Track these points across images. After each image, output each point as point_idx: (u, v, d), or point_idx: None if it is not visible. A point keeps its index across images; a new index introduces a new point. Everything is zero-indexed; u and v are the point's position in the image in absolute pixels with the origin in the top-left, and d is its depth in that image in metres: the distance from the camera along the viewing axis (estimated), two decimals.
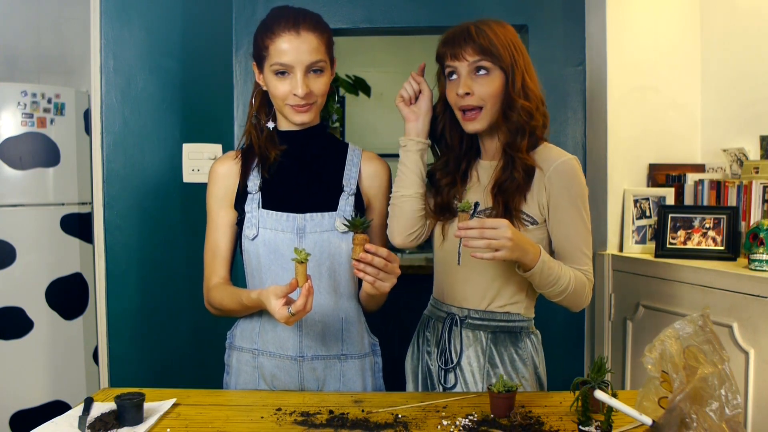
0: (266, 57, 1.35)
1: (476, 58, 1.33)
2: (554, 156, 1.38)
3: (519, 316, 1.43)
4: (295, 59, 1.32)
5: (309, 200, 1.41)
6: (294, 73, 1.33)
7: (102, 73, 2.40)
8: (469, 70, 1.34)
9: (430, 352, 1.50)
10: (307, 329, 1.40)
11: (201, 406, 1.28)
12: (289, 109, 1.36)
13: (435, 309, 1.52)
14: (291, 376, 1.41)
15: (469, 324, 1.43)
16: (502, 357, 1.42)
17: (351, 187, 1.44)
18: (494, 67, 1.34)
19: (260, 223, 1.40)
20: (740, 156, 2.27)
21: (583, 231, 1.37)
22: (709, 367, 0.93)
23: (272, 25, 1.34)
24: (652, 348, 0.96)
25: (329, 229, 1.39)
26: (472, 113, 1.36)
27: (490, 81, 1.34)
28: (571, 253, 1.37)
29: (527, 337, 1.44)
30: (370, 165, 1.48)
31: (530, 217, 1.37)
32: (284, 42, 1.32)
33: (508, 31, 1.37)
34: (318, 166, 1.45)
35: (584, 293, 1.36)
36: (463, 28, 1.36)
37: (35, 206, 2.64)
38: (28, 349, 2.62)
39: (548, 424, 1.15)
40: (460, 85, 1.34)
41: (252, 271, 1.44)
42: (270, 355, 1.42)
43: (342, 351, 1.42)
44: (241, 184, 1.45)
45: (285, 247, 1.38)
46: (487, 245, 1.21)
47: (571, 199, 1.36)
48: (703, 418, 0.90)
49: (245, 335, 1.45)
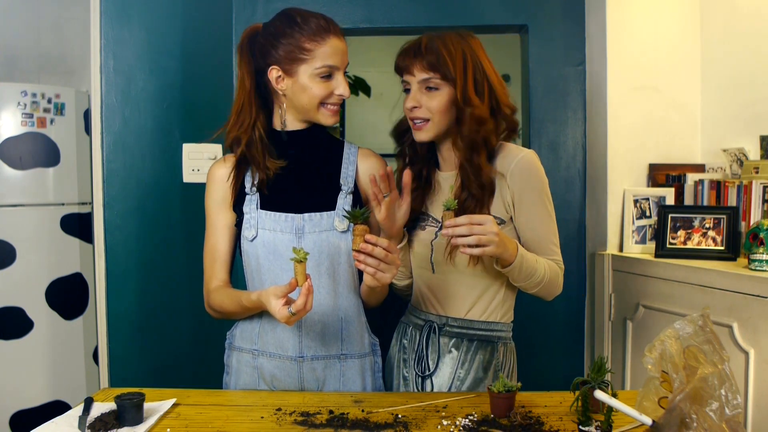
0: (307, 60, 1.35)
1: (424, 75, 1.37)
2: (513, 154, 1.41)
3: (499, 325, 1.45)
4: (341, 61, 1.38)
5: (307, 200, 1.42)
6: (335, 75, 1.38)
7: (102, 73, 2.41)
8: (419, 86, 1.39)
9: (406, 360, 1.50)
10: (306, 329, 1.40)
11: (201, 406, 1.28)
12: (324, 110, 1.40)
13: (412, 316, 1.53)
14: (291, 376, 1.41)
15: (447, 332, 1.44)
16: (473, 365, 1.42)
17: (349, 185, 1.44)
18: (442, 83, 1.37)
19: (259, 224, 1.40)
20: (740, 156, 2.27)
21: (549, 222, 1.42)
22: (709, 367, 0.93)
23: (315, 28, 1.35)
24: (652, 348, 0.96)
25: (328, 229, 1.40)
26: (421, 123, 1.41)
27: (437, 95, 1.38)
28: (540, 245, 1.41)
29: (503, 346, 1.46)
30: (367, 161, 1.49)
31: (497, 217, 1.38)
32: (332, 45, 1.36)
33: (463, 42, 1.39)
34: (316, 166, 1.46)
35: (557, 282, 1.42)
36: (415, 43, 1.40)
37: (35, 206, 2.64)
38: (28, 349, 2.62)
39: (548, 424, 1.15)
40: (409, 99, 1.41)
41: (252, 272, 1.44)
42: (270, 356, 1.42)
43: (342, 351, 1.42)
44: (239, 185, 1.45)
45: (284, 248, 1.38)
46: (477, 241, 1.23)
47: (534, 194, 1.40)
48: (703, 418, 0.90)
49: (245, 336, 1.45)
